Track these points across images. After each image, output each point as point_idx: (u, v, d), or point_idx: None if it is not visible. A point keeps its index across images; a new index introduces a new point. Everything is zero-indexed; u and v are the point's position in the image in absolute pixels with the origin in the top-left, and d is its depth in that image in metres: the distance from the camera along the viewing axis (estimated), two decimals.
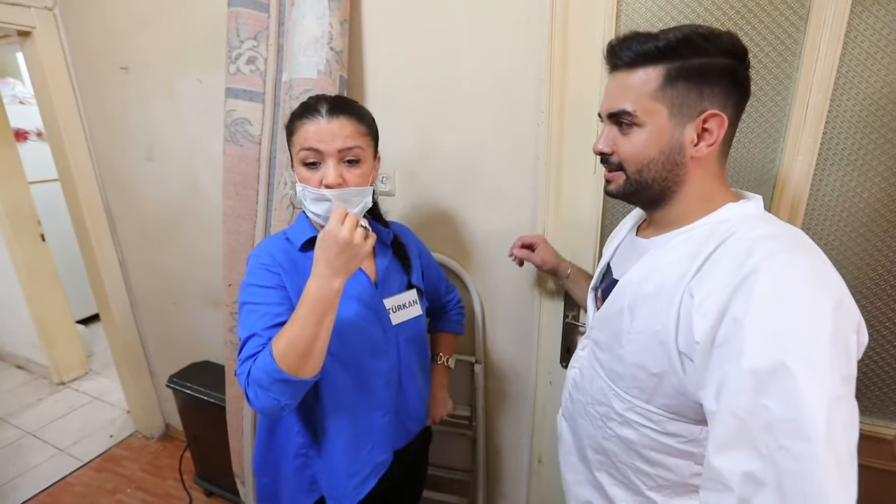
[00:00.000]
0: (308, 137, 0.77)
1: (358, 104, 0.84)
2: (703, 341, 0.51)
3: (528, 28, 1.01)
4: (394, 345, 0.90)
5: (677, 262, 0.58)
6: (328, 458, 0.89)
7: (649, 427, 0.63)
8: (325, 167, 0.77)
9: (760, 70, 0.88)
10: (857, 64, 0.83)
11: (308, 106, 0.79)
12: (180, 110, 1.55)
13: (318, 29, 1.09)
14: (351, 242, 0.68)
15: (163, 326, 2.03)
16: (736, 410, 0.47)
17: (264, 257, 0.82)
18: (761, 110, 0.90)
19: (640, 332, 0.60)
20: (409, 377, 0.95)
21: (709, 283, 0.52)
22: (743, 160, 0.94)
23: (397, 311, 0.91)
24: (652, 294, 0.59)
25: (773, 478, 0.44)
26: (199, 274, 1.75)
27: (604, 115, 0.64)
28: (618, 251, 0.78)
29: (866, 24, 0.80)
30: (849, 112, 0.85)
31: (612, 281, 0.71)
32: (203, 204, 1.62)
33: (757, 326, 0.46)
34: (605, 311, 0.69)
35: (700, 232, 0.59)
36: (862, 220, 0.89)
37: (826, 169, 0.89)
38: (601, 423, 0.71)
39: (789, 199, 0.91)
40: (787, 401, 0.43)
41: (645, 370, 0.61)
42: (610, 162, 0.65)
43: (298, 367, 0.69)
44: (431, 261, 1.08)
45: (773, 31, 0.86)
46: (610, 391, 0.68)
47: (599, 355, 0.71)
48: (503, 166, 1.14)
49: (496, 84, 1.08)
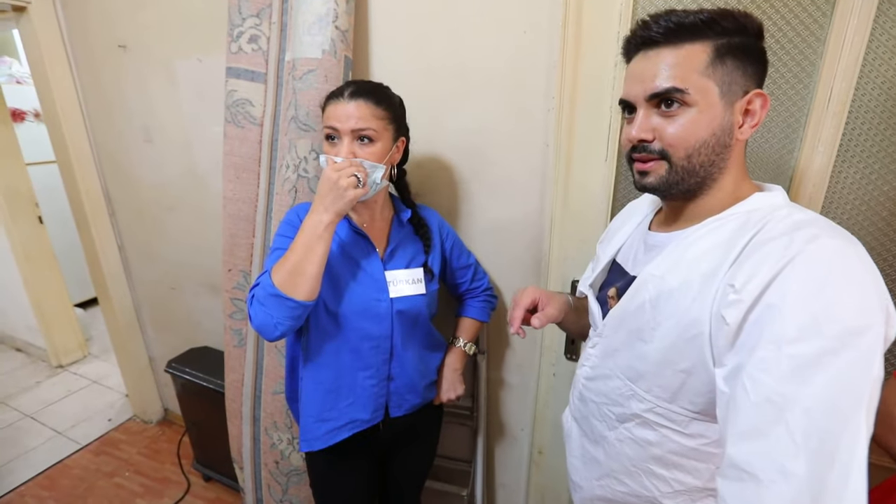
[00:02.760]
0: (330, 116, 0.87)
1: (384, 88, 0.92)
2: (732, 324, 0.48)
3: (540, 10, 0.98)
4: (388, 314, 0.95)
5: (707, 254, 0.55)
6: (305, 399, 0.98)
7: (670, 428, 0.61)
8: (340, 145, 0.86)
9: (783, 57, 0.85)
10: (884, 51, 0.79)
11: (339, 88, 0.89)
12: (179, 90, 1.51)
13: (323, 7, 1.05)
14: (336, 184, 0.80)
15: (161, 311, 2.01)
16: (771, 396, 0.44)
17: (293, 216, 0.95)
18: (782, 98, 0.87)
19: (668, 328, 0.57)
20: (404, 349, 1.00)
21: (747, 271, 0.48)
22: (760, 150, 0.91)
23: (398, 284, 0.97)
24: (677, 287, 0.56)
25: (807, 468, 0.41)
26: (198, 259, 1.72)
27: (641, 99, 0.57)
28: (625, 247, 0.74)
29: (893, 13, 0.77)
30: (873, 102, 0.82)
31: (629, 278, 0.67)
32: (202, 187, 1.59)
33: (798, 312, 0.44)
34: (623, 308, 0.65)
35: (731, 222, 0.56)
36: (881, 213, 0.87)
37: (846, 160, 0.86)
38: (616, 424, 0.68)
39: (808, 191, 0.88)
40: (829, 389, 0.42)
41: (671, 367, 0.58)
42: (650, 150, 0.58)
43: (289, 286, 0.80)
44: (459, 246, 1.13)
45: (798, 16, 0.83)
46: (627, 390, 0.65)
47: (615, 354, 0.67)
48: (511, 153, 1.11)
49: (505, 69, 1.05)
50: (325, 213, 0.81)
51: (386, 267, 0.96)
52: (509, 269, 1.22)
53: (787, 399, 0.43)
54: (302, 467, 1.32)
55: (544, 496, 1.36)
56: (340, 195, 0.80)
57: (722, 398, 0.50)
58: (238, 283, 1.32)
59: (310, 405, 0.97)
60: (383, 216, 1.00)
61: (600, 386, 0.71)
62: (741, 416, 0.46)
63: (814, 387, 0.42)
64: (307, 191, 1.13)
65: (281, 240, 0.92)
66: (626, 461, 0.67)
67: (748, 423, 0.46)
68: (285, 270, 0.81)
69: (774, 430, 0.43)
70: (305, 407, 0.98)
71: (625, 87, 0.61)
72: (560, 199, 1.06)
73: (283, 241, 0.90)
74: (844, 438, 0.41)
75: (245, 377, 1.37)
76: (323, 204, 0.81)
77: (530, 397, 1.30)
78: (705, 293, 0.53)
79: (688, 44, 0.54)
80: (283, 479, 1.34)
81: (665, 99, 0.56)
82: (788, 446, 0.42)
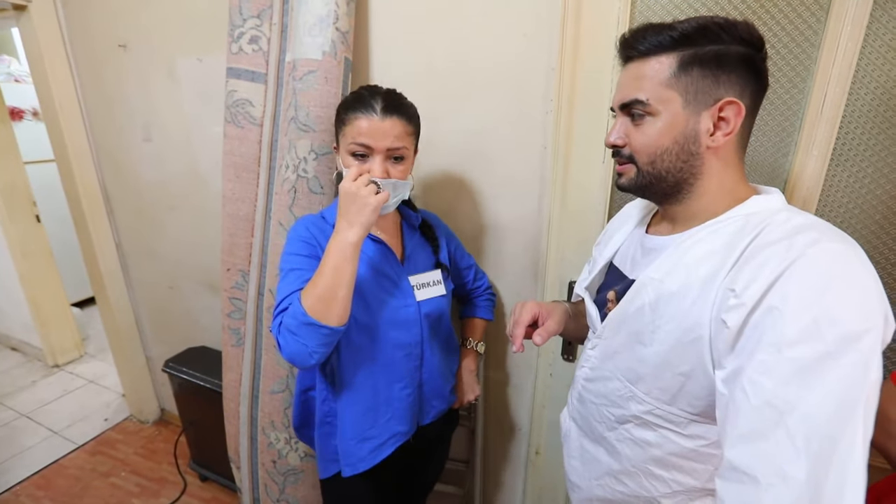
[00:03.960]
0: (361, 133, 0.82)
1: (408, 102, 0.89)
2: (733, 327, 0.49)
3: (539, 14, 0.99)
4: (416, 320, 0.94)
5: (707, 258, 0.55)
6: (343, 422, 0.94)
7: (669, 429, 0.61)
8: (371, 161, 0.83)
9: (778, 62, 0.86)
10: (877, 57, 0.81)
11: (362, 99, 0.84)
12: (179, 90, 1.52)
13: (323, 8, 1.06)
14: (357, 193, 0.77)
15: (159, 310, 2.01)
16: (771, 399, 0.44)
17: (302, 231, 0.90)
18: (777, 103, 0.89)
19: (667, 331, 0.58)
20: (432, 353, 0.98)
21: (747, 275, 0.49)
22: (755, 154, 0.92)
23: (422, 288, 0.96)
24: (677, 291, 0.56)
25: (806, 472, 0.42)
26: (197, 258, 1.73)
27: (616, 107, 0.63)
28: (622, 250, 0.75)
29: (889, 15, 0.78)
30: (866, 107, 0.83)
31: (628, 281, 0.68)
32: (202, 186, 1.59)
33: (799, 315, 0.44)
34: (622, 310, 0.65)
35: (729, 225, 0.56)
36: (875, 217, 0.88)
37: (840, 165, 0.88)
38: (615, 426, 0.68)
39: (802, 194, 0.89)
40: (829, 393, 0.42)
41: (671, 370, 0.58)
42: (621, 154, 0.63)
43: (322, 313, 0.76)
44: (461, 247, 1.13)
45: (793, 23, 0.84)
46: (627, 392, 0.65)
47: (614, 356, 0.67)
48: (510, 155, 1.12)
49: (505, 71, 1.06)
50: (350, 228, 0.77)
51: (408, 273, 0.96)
52: (508, 270, 1.23)
53: (787, 403, 0.43)
54: (299, 467, 1.32)
55: (541, 496, 1.37)
56: (364, 204, 0.77)
57: (721, 400, 0.50)
58: (237, 283, 1.33)
59: (349, 428, 0.94)
60: (395, 222, 1.00)
61: (599, 387, 0.71)
62: (741, 419, 0.47)
63: (814, 391, 0.43)
64: (306, 191, 1.14)
65: (297, 259, 0.87)
66: (626, 462, 0.68)
67: (748, 425, 0.46)
68: (316, 296, 0.76)
69: (774, 434, 0.44)
70: (345, 431, 0.94)
71: (615, 94, 0.64)
72: (558, 200, 1.07)
73: (300, 260, 0.87)
74: (843, 442, 0.41)
75: (243, 377, 1.37)
76: (347, 219, 0.78)
77: (527, 397, 1.30)
78: (705, 297, 0.53)
79: (654, 56, 0.57)
80: (280, 479, 1.34)
81: (632, 109, 0.60)
82: (788, 450, 0.43)
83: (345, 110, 0.85)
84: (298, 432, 1.09)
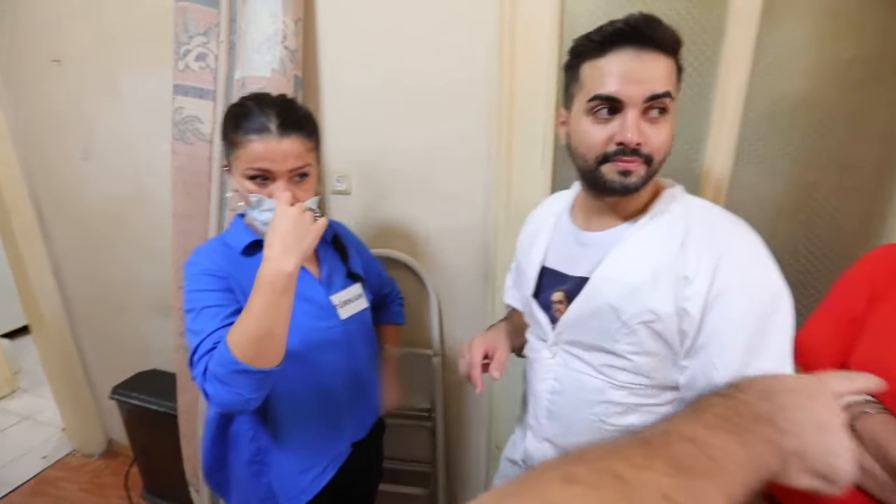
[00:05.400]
0: (258, 157, 0.74)
1: (305, 113, 0.82)
2: (695, 314, 0.58)
3: (480, 33, 1.07)
4: (345, 339, 0.90)
5: (657, 251, 0.62)
6: (285, 458, 0.88)
7: (651, 404, 0.66)
8: (274, 186, 0.76)
9: (687, 79, 0.96)
10: (765, 73, 0.94)
11: (251, 115, 0.75)
12: (122, 106, 1.48)
13: (271, 27, 1.09)
14: (301, 217, 0.70)
15: (104, 336, 1.91)
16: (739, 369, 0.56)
17: (205, 263, 0.80)
18: (687, 114, 1.01)
19: (637, 324, 0.62)
20: (362, 368, 0.96)
21: (693, 263, 0.59)
22: (673, 158, 1.04)
23: (344, 305, 0.91)
24: (639, 286, 0.61)
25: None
26: (146, 278, 1.67)
27: (640, 100, 0.58)
28: (552, 251, 0.76)
29: (771, 39, 0.92)
30: (760, 115, 0.97)
31: (575, 280, 0.70)
32: (150, 204, 1.55)
33: (741, 292, 0.57)
34: (580, 310, 0.67)
35: (661, 217, 0.64)
36: (772, 209, 1.02)
37: (742, 164, 1.01)
38: (600, 424, 0.69)
39: (711, 191, 1.02)
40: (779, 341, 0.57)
41: (647, 356, 0.64)
42: (639, 154, 0.59)
43: (255, 356, 0.67)
44: (370, 257, 1.10)
45: (696, 44, 0.96)
46: (608, 386, 0.68)
47: (585, 356, 0.70)
48: (456, 166, 1.18)
49: (449, 86, 1.13)
50: (286, 256, 0.68)
51: (329, 292, 0.90)
52: (460, 277, 1.29)
53: (748, 364, 0.56)
54: None
55: None
56: (307, 231, 0.70)
57: (691, 374, 0.60)
58: None
59: (289, 461, 0.88)
60: None
61: (574, 393, 0.72)
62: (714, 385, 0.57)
63: (768, 344, 0.56)
64: None
65: (208, 296, 0.77)
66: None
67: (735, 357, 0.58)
68: (249, 340, 0.67)
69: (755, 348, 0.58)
70: (284, 465, 0.88)
71: (610, 83, 0.58)
72: (502, 207, 1.15)
73: (212, 296, 0.77)
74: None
75: (199, 396, 1.34)
76: (285, 245, 0.68)
77: (485, 396, 1.36)
78: (664, 288, 0.60)
79: (671, 56, 0.59)
80: None
81: (660, 103, 0.58)
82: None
83: (234, 130, 0.76)
84: (209, 476, 0.96)
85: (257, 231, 0.84)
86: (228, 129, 0.78)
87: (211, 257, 0.81)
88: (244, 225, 0.87)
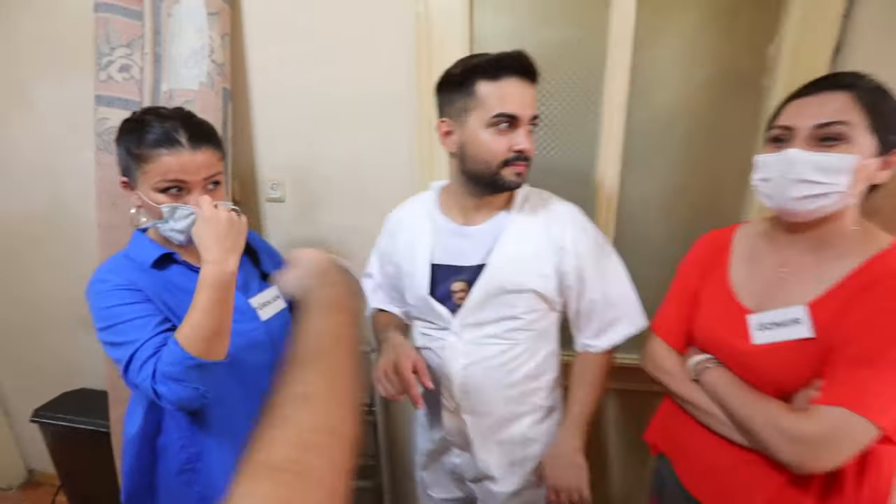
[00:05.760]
0: (171, 170, 0.77)
1: (208, 124, 0.85)
2: (571, 271, 0.85)
3: (401, 50, 1.16)
4: (268, 339, 0.93)
5: (535, 232, 0.85)
6: (219, 459, 0.88)
7: (534, 350, 0.89)
8: (191, 197, 0.79)
9: (576, 98, 1.14)
10: (643, 89, 1.11)
11: (152, 129, 0.77)
12: (36, 115, 1.44)
13: (198, 42, 1.12)
14: (234, 220, 0.76)
15: (20, 357, 1.80)
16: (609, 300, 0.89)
17: (115, 279, 0.80)
18: (582, 126, 1.16)
19: (528, 289, 0.84)
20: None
21: (557, 235, 0.85)
22: (574, 167, 1.19)
23: (264, 307, 0.94)
24: (527, 260, 0.84)
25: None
26: (68, 293, 1.60)
27: (527, 118, 0.78)
28: (438, 249, 0.88)
29: (643, 57, 1.08)
30: (640, 126, 1.13)
31: (471, 268, 0.85)
32: (70, 216, 1.50)
33: (591, 247, 0.87)
34: (483, 291, 0.84)
35: (529, 207, 0.88)
36: (656, 206, 1.19)
37: (631, 170, 1.17)
38: (506, 379, 0.88)
39: (606, 194, 1.17)
40: (620, 270, 0.91)
41: (535, 313, 0.87)
42: (528, 158, 0.80)
43: (210, 350, 0.72)
44: (281, 259, 1.10)
45: (585, 65, 1.12)
46: (509, 346, 0.87)
47: (485, 327, 0.86)
48: (385, 172, 1.27)
49: (376, 98, 1.21)
50: (229, 256, 0.74)
51: (247, 296, 0.92)
52: None
53: (610, 296, 0.88)
54: None
55: None
56: (241, 230, 0.77)
57: (574, 313, 0.90)
58: None
59: (223, 463, 0.88)
60: None
61: (483, 362, 0.88)
62: (593, 321, 0.89)
63: (617, 273, 0.89)
64: None
65: (132, 308, 0.77)
66: (520, 396, 0.91)
67: (600, 324, 0.89)
68: (201, 337, 0.71)
69: (617, 316, 0.89)
70: (217, 468, 0.88)
71: (511, 103, 0.76)
72: None
73: (136, 308, 0.78)
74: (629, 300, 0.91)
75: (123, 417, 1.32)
76: (224, 247, 0.74)
77: None
78: (550, 256, 0.84)
79: (535, 85, 0.80)
80: None
81: (533, 122, 0.80)
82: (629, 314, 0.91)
83: (138, 145, 0.77)
84: (131, 501, 0.92)
85: (167, 243, 0.85)
86: (130, 145, 0.78)
87: (120, 273, 0.81)
88: (148, 239, 0.87)
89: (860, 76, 0.65)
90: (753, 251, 0.77)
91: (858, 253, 0.65)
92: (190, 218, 0.79)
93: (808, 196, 0.63)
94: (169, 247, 0.85)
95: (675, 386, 0.80)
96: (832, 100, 0.63)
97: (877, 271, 0.62)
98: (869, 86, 0.63)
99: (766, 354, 0.67)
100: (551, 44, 1.12)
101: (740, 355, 0.71)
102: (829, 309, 0.63)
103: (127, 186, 0.82)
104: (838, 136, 0.62)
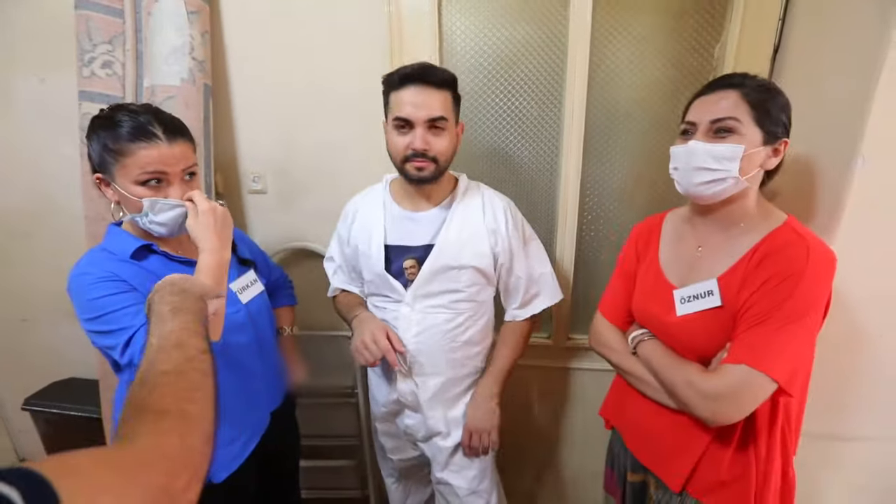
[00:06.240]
0: (150, 163, 0.79)
1: (178, 119, 0.87)
2: (505, 249, 1.01)
3: (375, 45, 1.22)
4: (249, 320, 0.98)
5: (474, 217, 0.99)
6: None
7: (474, 317, 1.03)
8: (171, 188, 0.82)
9: (541, 96, 1.22)
10: (600, 86, 1.19)
11: (134, 126, 0.79)
12: (18, 110, 1.46)
13: (178, 39, 1.17)
14: (225, 213, 0.82)
15: (9, 348, 1.83)
16: (533, 278, 1.05)
17: (97, 272, 0.81)
18: (546, 123, 1.24)
19: (469, 266, 0.98)
20: (269, 345, 1.05)
21: (492, 220, 1.00)
22: (540, 160, 1.27)
23: (243, 291, 0.99)
24: (468, 240, 0.97)
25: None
26: (56, 285, 1.62)
27: (422, 120, 0.89)
28: (390, 232, 1.01)
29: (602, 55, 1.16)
30: (599, 120, 1.22)
31: (422, 247, 0.98)
32: (56, 209, 1.54)
33: (517, 232, 1.03)
34: (431, 268, 0.97)
35: (469, 196, 1.02)
36: (615, 194, 1.28)
37: (590, 162, 1.25)
38: (451, 345, 1.01)
39: (570, 184, 1.25)
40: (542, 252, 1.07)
41: (476, 286, 1.01)
42: (426, 156, 0.91)
43: (211, 333, 0.74)
44: (254, 246, 1.17)
45: (548, 62, 1.19)
46: (454, 315, 1.00)
47: (432, 298, 0.99)
48: (360, 166, 1.33)
49: (351, 91, 1.27)
50: (224, 246, 0.80)
51: (228, 281, 0.91)
52: None
53: (533, 275, 1.04)
54: None
55: None
56: (230, 223, 0.83)
57: (504, 287, 1.05)
58: None
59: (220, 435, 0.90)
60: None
61: (432, 329, 1.01)
62: (519, 295, 1.05)
63: (539, 255, 1.05)
64: None
65: (119, 298, 0.79)
66: (463, 360, 1.04)
67: (524, 297, 1.05)
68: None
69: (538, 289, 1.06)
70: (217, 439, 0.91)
71: (405, 109, 0.88)
72: None
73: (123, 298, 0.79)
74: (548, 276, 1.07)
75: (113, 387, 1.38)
76: (220, 238, 0.79)
77: None
78: (484, 239, 0.98)
79: (447, 90, 0.91)
80: None
81: (436, 123, 0.89)
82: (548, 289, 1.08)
83: (115, 140, 0.78)
84: None
85: (144, 235, 0.88)
86: (107, 140, 0.79)
87: (100, 265, 0.82)
88: (125, 232, 0.89)
89: (749, 76, 0.74)
90: (678, 233, 0.87)
91: (759, 230, 0.74)
92: (174, 211, 0.82)
93: (708, 181, 0.73)
94: (146, 238, 0.88)
95: (617, 359, 0.89)
96: (724, 97, 0.72)
97: (771, 245, 0.71)
98: (755, 84, 0.72)
99: (688, 324, 0.76)
100: (516, 42, 1.19)
101: (668, 327, 0.80)
102: (734, 280, 0.72)
103: (102, 182, 0.84)
104: (729, 129, 0.71)
